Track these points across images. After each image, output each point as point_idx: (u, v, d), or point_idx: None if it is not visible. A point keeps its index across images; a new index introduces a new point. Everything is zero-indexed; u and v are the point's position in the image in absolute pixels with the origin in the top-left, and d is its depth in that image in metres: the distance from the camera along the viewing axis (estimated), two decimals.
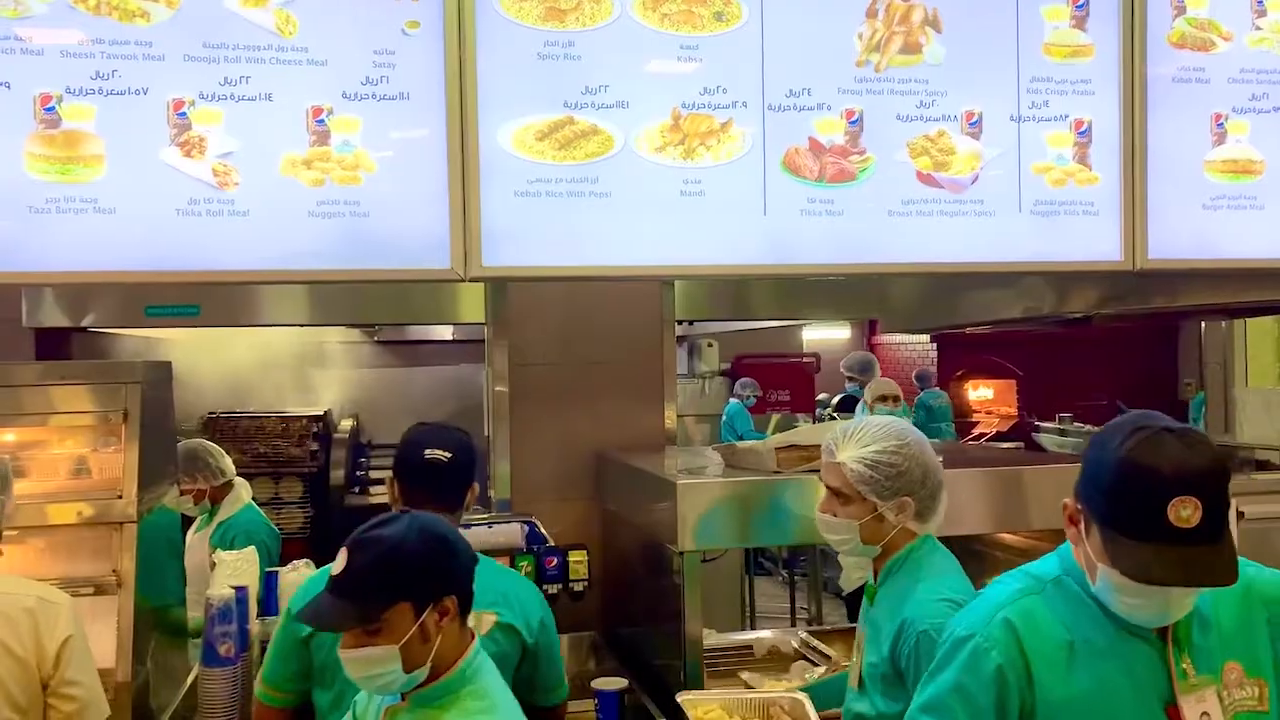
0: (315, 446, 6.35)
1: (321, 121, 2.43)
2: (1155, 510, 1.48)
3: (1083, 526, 1.62)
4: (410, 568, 1.77)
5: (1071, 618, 1.64)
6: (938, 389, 10.12)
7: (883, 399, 6.09)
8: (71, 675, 2.15)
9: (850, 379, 6.66)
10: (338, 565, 1.79)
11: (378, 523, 1.82)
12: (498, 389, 3.64)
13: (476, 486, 2.40)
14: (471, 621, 2.19)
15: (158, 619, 2.87)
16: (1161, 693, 1.60)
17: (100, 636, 2.61)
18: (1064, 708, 1.61)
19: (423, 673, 1.80)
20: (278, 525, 4.52)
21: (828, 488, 2.16)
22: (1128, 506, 1.52)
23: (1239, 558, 1.65)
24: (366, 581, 1.75)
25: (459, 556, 1.85)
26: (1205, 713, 1.60)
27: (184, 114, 2.36)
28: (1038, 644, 1.62)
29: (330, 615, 1.78)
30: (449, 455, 2.30)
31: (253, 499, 4.02)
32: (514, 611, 2.29)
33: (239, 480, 3.98)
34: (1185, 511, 1.48)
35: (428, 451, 2.29)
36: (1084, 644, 1.62)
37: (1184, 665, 1.61)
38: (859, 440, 2.11)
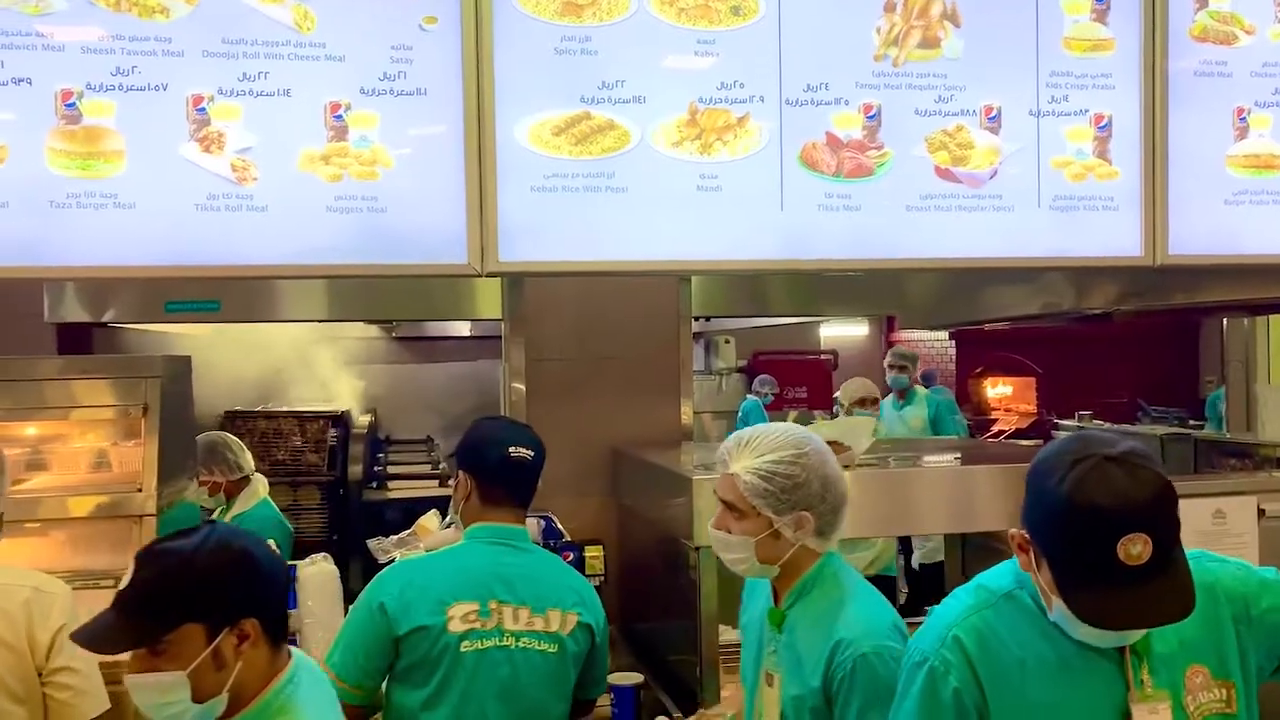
0: (334, 440, 6.37)
1: (339, 117, 2.43)
2: (1104, 551, 1.43)
3: (1033, 557, 1.57)
4: (200, 585, 1.57)
5: (1024, 633, 1.60)
6: (942, 385, 10.09)
7: (861, 402, 5.81)
8: (64, 664, 2.13)
9: (899, 368, 6.47)
10: (124, 578, 1.60)
11: (174, 534, 1.64)
12: (514, 385, 3.65)
13: None
14: (555, 623, 2.20)
15: None
16: (1118, 704, 1.57)
17: None
18: None
19: (219, 703, 1.60)
20: (296, 530, 4.53)
21: (721, 501, 1.97)
22: (1076, 549, 1.47)
23: (1202, 551, 1.63)
24: (150, 599, 1.56)
25: (262, 574, 1.65)
26: None
27: (203, 110, 2.37)
28: (990, 663, 1.59)
29: (107, 634, 1.58)
30: (532, 453, 2.30)
31: (268, 495, 4.03)
32: (589, 611, 2.32)
33: (256, 476, 4.00)
34: (1135, 549, 1.42)
35: (512, 449, 2.27)
36: (1036, 661, 1.58)
37: (1142, 676, 1.57)
38: (754, 449, 1.92)
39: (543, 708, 2.23)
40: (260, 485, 3.97)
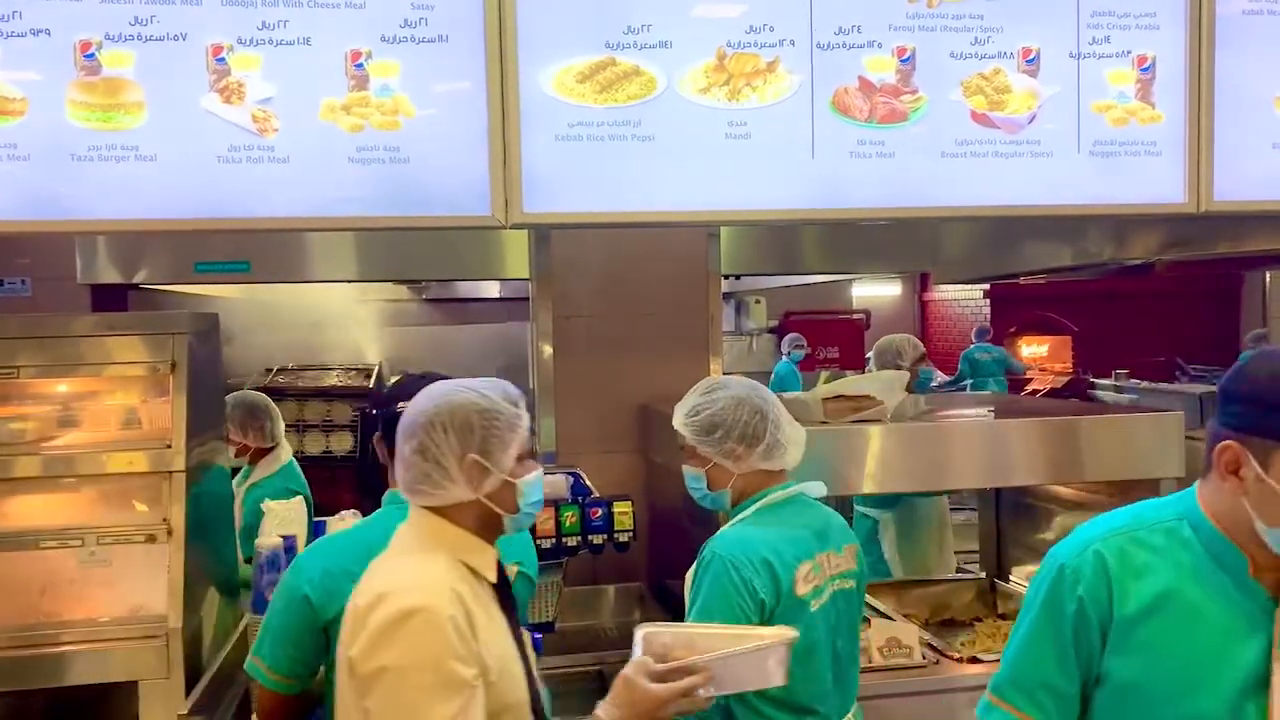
0: (367, 387, 6.49)
1: (360, 65, 2.39)
2: None
3: (1253, 468, 1.47)
4: None
5: (1176, 566, 1.54)
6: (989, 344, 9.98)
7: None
8: None
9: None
10: None
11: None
12: (541, 343, 3.62)
13: None
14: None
15: (208, 568, 2.91)
16: (1255, 659, 1.50)
17: (152, 585, 2.65)
18: (1141, 655, 1.53)
19: None
20: (331, 481, 4.53)
21: None
22: None
23: None
24: None
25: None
26: None
27: (223, 59, 2.34)
28: (1127, 582, 1.53)
29: None
30: None
31: (294, 456, 3.97)
32: (528, 563, 2.29)
33: (283, 444, 3.93)
34: None
35: (400, 404, 2.22)
36: (1181, 597, 1.52)
37: None
38: None
39: None
40: (284, 452, 3.91)
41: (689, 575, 2.16)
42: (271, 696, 2.07)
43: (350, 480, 6.07)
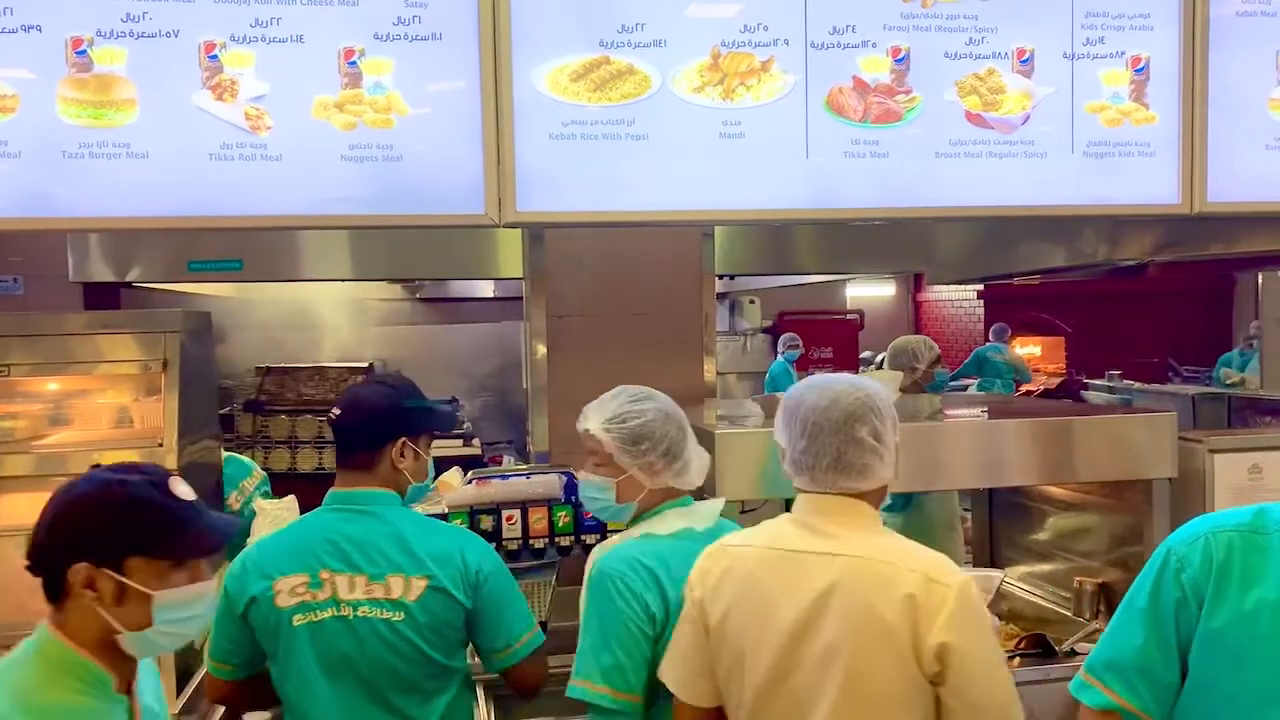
0: None
1: (353, 63, 2.39)
2: None
3: None
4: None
5: None
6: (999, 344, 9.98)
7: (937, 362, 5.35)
8: None
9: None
10: None
11: None
12: (535, 342, 3.62)
13: (404, 445, 2.16)
14: (398, 590, 2.04)
15: None
16: None
17: None
18: (1227, 655, 1.50)
19: None
20: (326, 489, 4.47)
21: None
22: None
23: None
24: None
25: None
26: None
27: (215, 57, 2.33)
28: (1228, 580, 1.51)
29: None
30: (339, 411, 2.18)
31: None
32: (447, 575, 2.07)
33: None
34: None
35: (334, 410, 2.20)
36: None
37: None
38: None
39: (402, 678, 2.05)
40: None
41: None
42: (213, 682, 2.19)
43: None
